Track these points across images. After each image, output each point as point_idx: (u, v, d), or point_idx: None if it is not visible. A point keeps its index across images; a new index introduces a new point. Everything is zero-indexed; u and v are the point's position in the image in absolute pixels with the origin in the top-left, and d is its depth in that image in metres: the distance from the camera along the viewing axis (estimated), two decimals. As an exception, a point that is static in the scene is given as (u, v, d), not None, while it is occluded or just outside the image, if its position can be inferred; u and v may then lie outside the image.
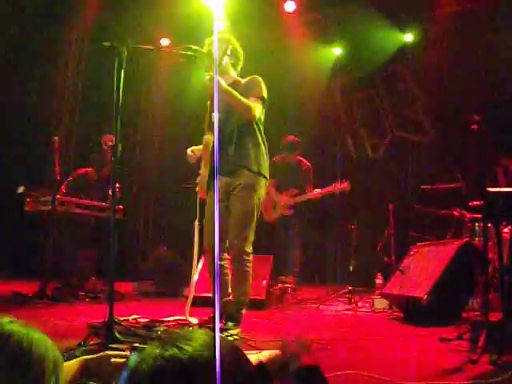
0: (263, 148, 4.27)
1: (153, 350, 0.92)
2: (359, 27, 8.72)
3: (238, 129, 4.17)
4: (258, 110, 4.15)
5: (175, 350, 0.89)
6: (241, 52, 4.40)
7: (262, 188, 4.24)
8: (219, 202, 4.09)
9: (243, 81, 4.35)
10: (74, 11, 8.48)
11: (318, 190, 6.78)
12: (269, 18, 8.73)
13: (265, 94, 4.21)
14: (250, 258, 4.22)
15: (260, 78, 4.28)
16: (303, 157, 7.32)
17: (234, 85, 4.22)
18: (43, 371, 1.23)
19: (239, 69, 4.44)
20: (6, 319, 1.26)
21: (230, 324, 4.06)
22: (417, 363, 3.29)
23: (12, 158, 7.65)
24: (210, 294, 4.48)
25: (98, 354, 1.86)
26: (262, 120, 4.31)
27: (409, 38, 8.69)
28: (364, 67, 8.98)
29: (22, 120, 8.16)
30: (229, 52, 4.21)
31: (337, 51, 9.27)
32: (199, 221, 4.20)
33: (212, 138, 4.12)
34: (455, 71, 7.97)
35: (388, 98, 9.03)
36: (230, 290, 4.29)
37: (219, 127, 4.11)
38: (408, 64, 8.77)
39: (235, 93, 4.06)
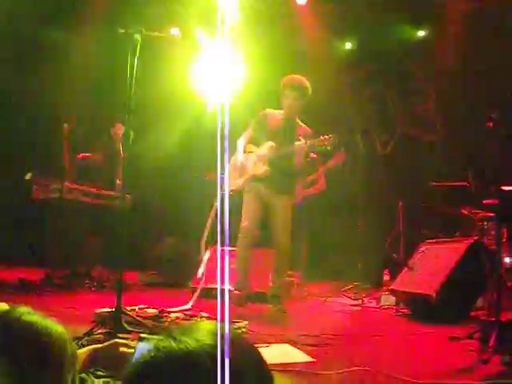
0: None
1: (160, 341, 0.90)
2: (372, 22, 8.65)
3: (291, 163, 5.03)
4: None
5: (182, 340, 0.87)
6: (309, 96, 5.04)
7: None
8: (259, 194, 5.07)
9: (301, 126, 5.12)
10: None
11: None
12: (280, 10, 8.66)
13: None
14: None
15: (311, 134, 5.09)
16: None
17: (295, 125, 5.08)
18: (62, 364, 1.20)
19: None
20: (24, 310, 1.23)
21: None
22: (426, 361, 3.26)
23: (21, 144, 7.65)
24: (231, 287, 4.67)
25: (107, 343, 1.84)
26: None
27: (422, 34, 8.62)
28: (375, 63, 8.92)
29: (32, 107, 8.15)
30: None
31: (348, 45, 9.21)
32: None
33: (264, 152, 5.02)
34: (468, 69, 7.90)
35: (399, 95, 8.97)
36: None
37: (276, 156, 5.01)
38: (420, 61, 8.69)
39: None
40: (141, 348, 0.95)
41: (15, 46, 8.14)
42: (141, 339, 1.59)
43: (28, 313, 1.23)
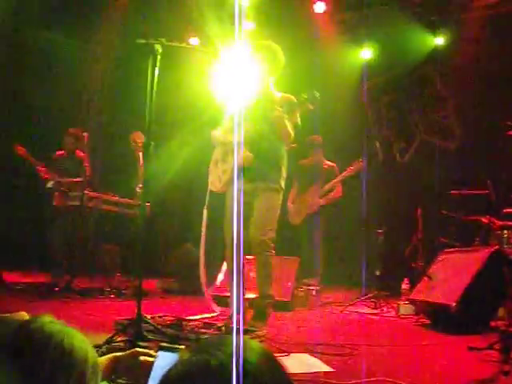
0: (286, 163, 4.54)
1: (183, 354, 0.91)
2: (389, 29, 8.64)
3: (270, 144, 4.39)
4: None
5: (205, 355, 0.88)
6: (282, 59, 4.49)
7: (280, 198, 4.50)
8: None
9: (278, 95, 4.47)
10: (102, 11, 8.57)
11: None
12: (298, 18, 8.69)
13: (299, 121, 4.47)
14: (273, 251, 4.39)
15: (294, 99, 4.44)
16: (327, 159, 7.39)
17: (268, 95, 4.40)
18: (84, 373, 1.22)
19: (277, 76, 4.56)
20: (46, 319, 1.25)
21: (254, 323, 4.08)
22: (446, 372, 3.24)
23: (42, 152, 7.73)
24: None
25: (128, 352, 1.86)
26: None
27: (440, 41, 8.58)
28: (393, 70, 8.90)
29: (52, 116, 8.24)
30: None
31: (366, 53, 9.20)
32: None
33: (233, 139, 4.40)
34: (486, 75, 7.85)
35: (417, 102, 8.94)
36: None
37: (254, 138, 4.30)
38: (438, 67, 8.66)
39: (287, 125, 4.31)
40: (165, 358, 0.96)
41: (27, 54, 8.24)
42: (161, 348, 1.60)
43: (50, 322, 1.24)
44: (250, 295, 4.65)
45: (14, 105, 8.21)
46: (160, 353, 1.56)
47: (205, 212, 4.46)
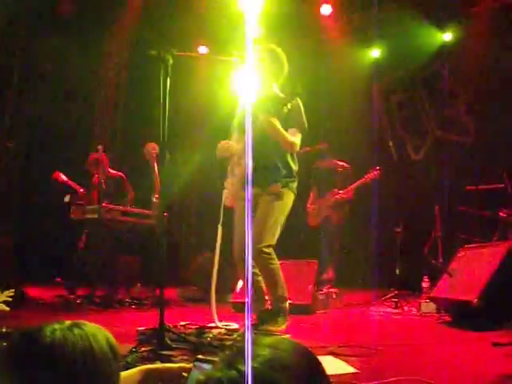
0: (294, 166, 4.34)
1: (214, 372, 0.91)
2: (397, 28, 8.63)
3: (274, 149, 4.20)
4: (299, 142, 4.23)
5: (234, 372, 0.88)
6: (285, 64, 4.36)
7: (289, 199, 4.31)
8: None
9: (282, 97, 4.29)
10: (112, 23, 8.63)
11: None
12: (305, 21, 8.71)
13: (305, 122, 4.26)
14: (270, 256, 4.19)
15: (299, 102, 4.28)
16: (341, 160, 7.39)
17: (271, 97, 4.22)
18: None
19: (280, 81, 4.41)
20: (66, 324, 1.25)
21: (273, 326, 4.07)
22: (472, 369, 3.22)
23: (57, 166, 7.81)
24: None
25: (161, 365, 1.85)
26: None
27: (448, 36, 8.55)
28: (403, 68, 8.89)
29: (67, 129, 8.32)
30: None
31: (375, 53, 9.20)
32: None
33: (240, 148, 4.26)
34: (496, 69, 7.81)
35: (429, 99, 8.91)
36: (265, 297, 4.31)
37: (255, 144, 4.14)
38: (448, 63, 8.63)
39: (283, 132, 4.12)
40: (201, 369, 0.96)
41: (38, 63, 8.31)
42: (197, 360, 1.59)
43: (52, 330, 1.22)
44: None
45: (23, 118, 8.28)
46: (197, 364, 1.56)
47: (219, 229, 4.36)
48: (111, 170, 7.00)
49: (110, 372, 1.24)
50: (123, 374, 1.89)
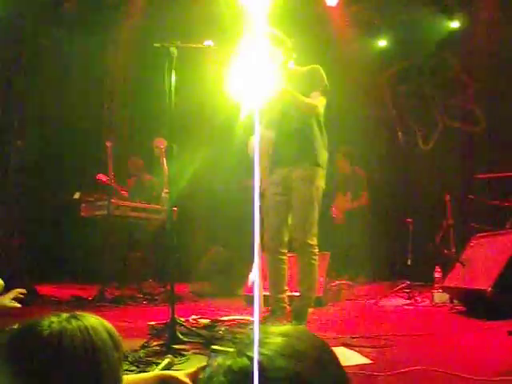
0: (322, 140, 4.22)
1: (224, 361, 0.89)
2: (404, 17, 8.56)
3: (297, 123, 4.14)
4: (322, 105, 4.18)
5: (245, 360, 0.86)
6: (286, 39, 4.28)
7: (321, 179, 4.18)
8: (279, 195, 4.15)
9: (301, 69, 4.30)
10: (117, 15, 8.62)
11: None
12: (311, 12, 8.65)
13: (327, 84, 4.19)
14: (315, 250, 4.13)
15: (319, 67, 4.25)
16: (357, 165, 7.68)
17: (293, 75, 4.20)
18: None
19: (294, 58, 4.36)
20: (63, 316, 1.23)
21: (294, 322, 4.03)
22: (488, 358, 3.19)
23: (66, 163, 7.83)
24: (266, 292, 4.45)
25: (177, 372, 1.83)
26: (323, 112, 4.25)
27: (456, 24, 8.47)
28: (411, 57, 8.82)
29: (75, 126, 8.32)
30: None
31: (382, 43, 9.13)
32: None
33: (268, 135, 4.17)
34: (505, 56, 7.72)
35: (437, 88, 8.83)
36: (285, 287, 4.26)
37: (278, 123, 4.15)
38: (456, 51, 8.55)
39: (301, 97, 4.06)
40: (206, 371, 0.95)
41: (42, 59, 8.29)
42: (213, 351, 1.57)
43: (50, 322, 1.22)
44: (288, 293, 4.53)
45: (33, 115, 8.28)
46: (213, 355, 1.55)
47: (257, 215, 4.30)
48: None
49: (112, 362, 1.23)
50: (140, 376, 1.87)
